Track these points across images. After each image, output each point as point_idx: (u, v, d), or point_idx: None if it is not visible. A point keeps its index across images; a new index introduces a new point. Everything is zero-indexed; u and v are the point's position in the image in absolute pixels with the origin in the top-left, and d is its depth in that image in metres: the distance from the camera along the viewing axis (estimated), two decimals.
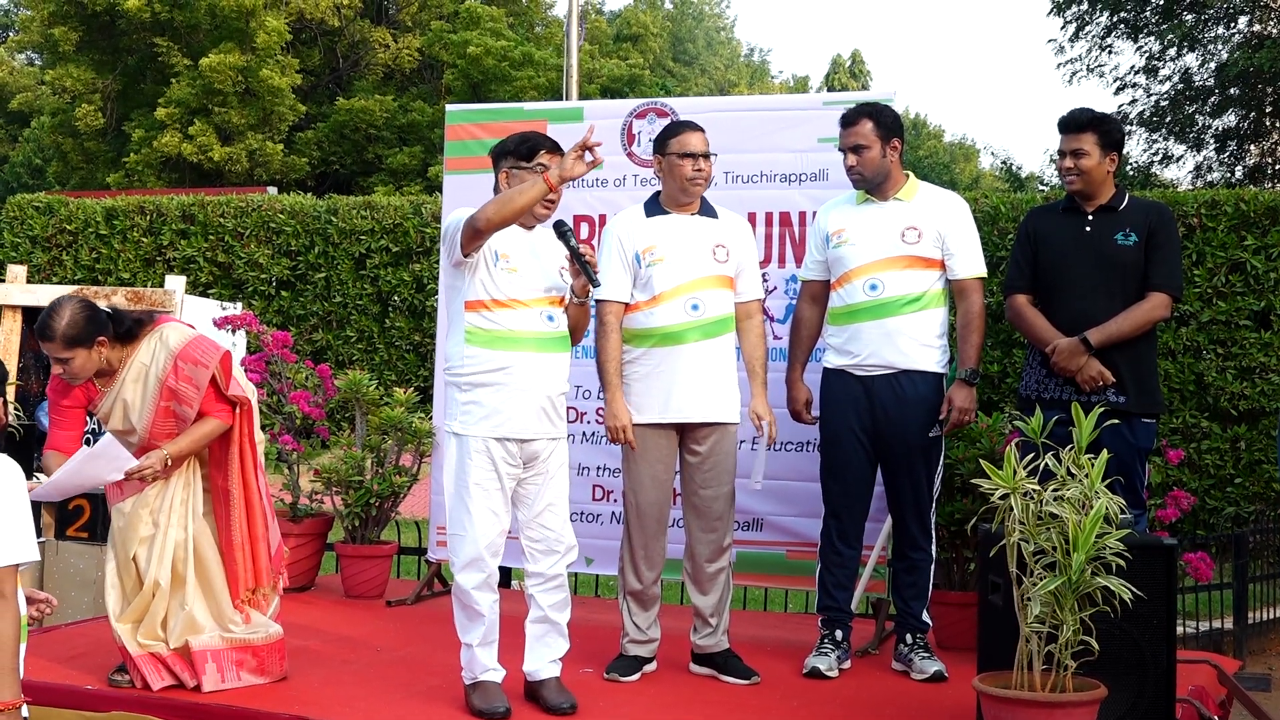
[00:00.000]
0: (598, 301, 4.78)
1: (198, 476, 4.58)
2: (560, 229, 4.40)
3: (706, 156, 4.83)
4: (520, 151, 4.41)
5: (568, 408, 5.59)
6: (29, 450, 6.74)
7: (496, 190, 4.45)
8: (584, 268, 4.31)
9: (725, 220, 4.96)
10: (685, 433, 4.83)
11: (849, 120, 4.97)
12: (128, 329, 4.52)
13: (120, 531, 4.50)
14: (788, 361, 5.23)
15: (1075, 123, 4.96)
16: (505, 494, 4.33)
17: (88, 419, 4.62)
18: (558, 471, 4.42)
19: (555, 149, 4.44)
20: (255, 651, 4.53)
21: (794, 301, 5.41)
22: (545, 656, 4.39)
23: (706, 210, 4.93)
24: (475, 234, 4.21)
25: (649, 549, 4.84)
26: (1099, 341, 4.78)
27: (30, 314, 7.85)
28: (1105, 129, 4.95)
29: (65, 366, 4.37)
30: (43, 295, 7.87)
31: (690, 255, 4.80)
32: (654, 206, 4.93)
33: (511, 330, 4.29)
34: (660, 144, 4.92)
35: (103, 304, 7.70)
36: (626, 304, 4.82)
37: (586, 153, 4.19)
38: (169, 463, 4.43)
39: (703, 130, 4.89)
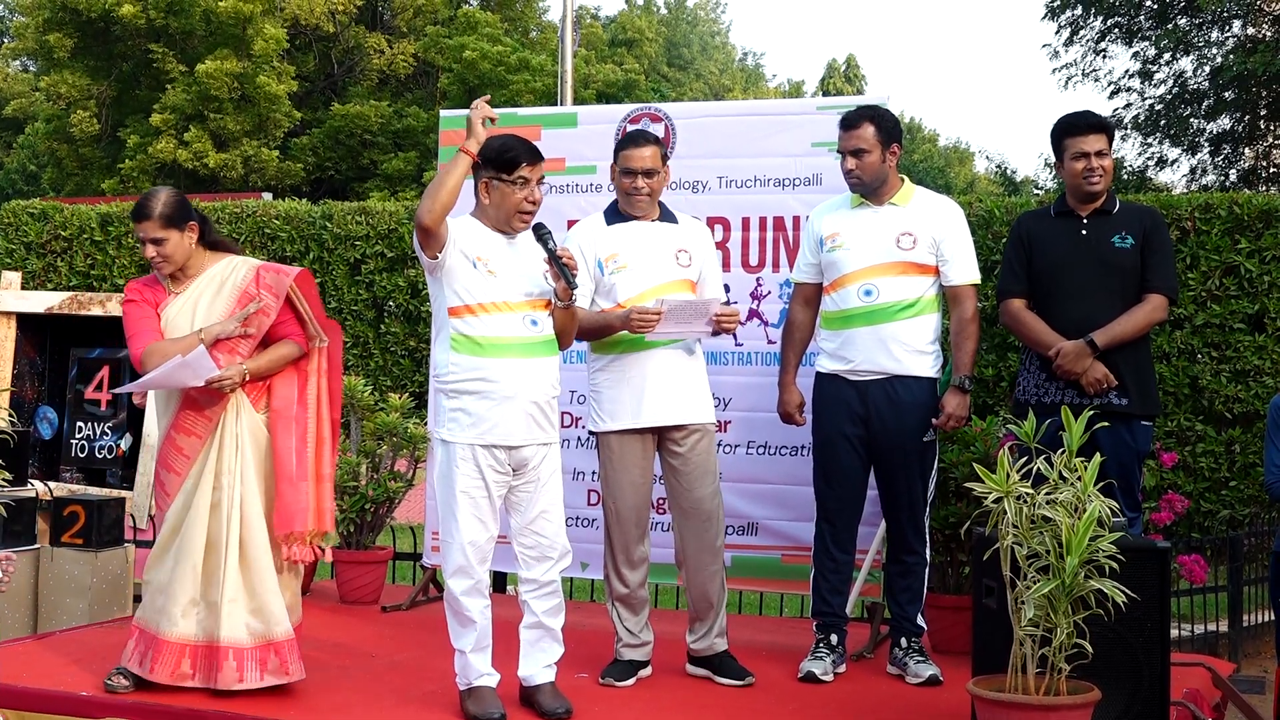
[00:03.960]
0: None
1: (250, 445, 4.53)
2: (539, 231, 4.39)
3: (649, 174, 4.81)
4: (500, 163, 4.35)
5: (562, 413, 5.60)
6: (24, 457, 6.73)
7: (477, 200, 4.46)
8: (562, 270, 4.30)
9: (685, 225, 4.98)
10: (663, 437, 4.84)
11: (850, 123, 4.95)
12: (210, 235, 4.67)
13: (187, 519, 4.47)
14: (780, 365, 5.23)
15: (1099, 123, 4.95)
16: (493, 502, 4.32)
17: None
18: (550, 478, 4.41)
19: (535, 159, 4.38)
20: (277, 649, 4.47)
21: (788, 305, 5.41)
22: (540, 662, 4.39)
23: (666, 216, 4.95)
24: (423, 230, 4.20)
25: (630, 553, 4.84)
26: (1104, 343, 4.79)
27: (24, 320, 7.85)
28: (1111, 130, 4.99)
29: (159, 248, 4.48)
30: (37, 302, 7.87)
31: (653, 261, 4.82)
32: (614, 214, 4.94)
33: (494, 336, 4.29)
34: (615, 153, 4.93)
35: (96, 310, 7.73)
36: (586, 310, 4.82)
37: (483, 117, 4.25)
38: (246, 378, 4.47)
39: (655, 144, 4.87)
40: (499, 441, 4.29)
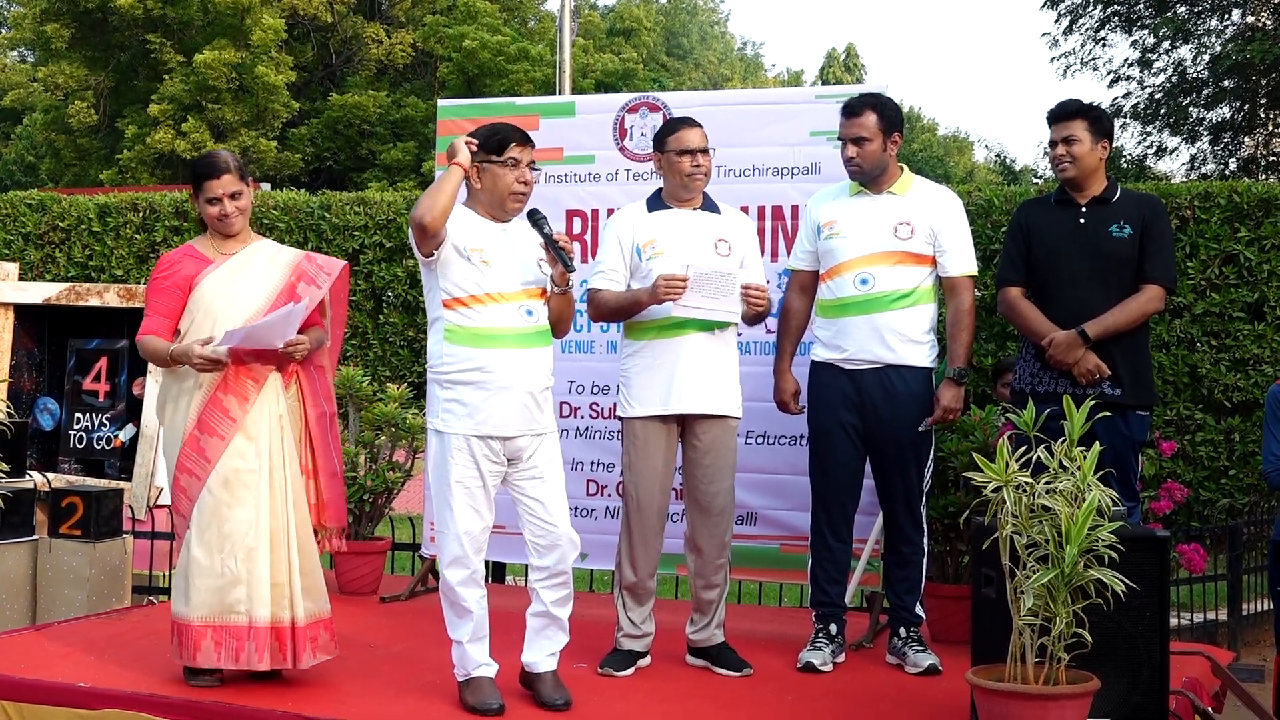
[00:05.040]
0: (589, 290, 4.79)
1: (288, 426, 4.57)
2: (534, 217, 4.39)
3: (705, 152, 4.85)
4: (490, 145, 4.36)
5: (561, 403, 5.60)
6: (21, 448, 6.73)
7: (469, 187, 4.44)
8: (558, 254, 4.30)
9: (727, 215, 4.97)
10: (686, 426, 4.83)
11: (852, 110, 4.94)
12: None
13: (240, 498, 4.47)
14: (776, 352, 5.22)
15: (1064, 111, 4.98)
16: (488, 492, 4.32)
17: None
18: (549, 466, 4.39)
19: (525, 141, 4.40)
20: (326, 625, 4.55)
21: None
22: (544, 650, 4.38)
23: (709, 206, 4.94)
24: (421, 230, 4.20)
25: (647, 543, 4.83)
26: (1096, 334, 4.79)
27: (22, 311, 7.84)
28: (1094, 116, 4.97)
29: (236, 203, 4.55)
30: (35, 293, 7.86)
31: (691, 248, 4.80)
32: (656, 202, 4.95)
33: (489, 327, 4.28)
34: (659, 141, 4.94)
35: (94, 301, 7.72)
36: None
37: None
38: (308, 351, 4.55)
39: (700, 126, 4.90)
40: (494, 432, 4.28)
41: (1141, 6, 19.60)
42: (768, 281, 5.75)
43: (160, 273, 4.56)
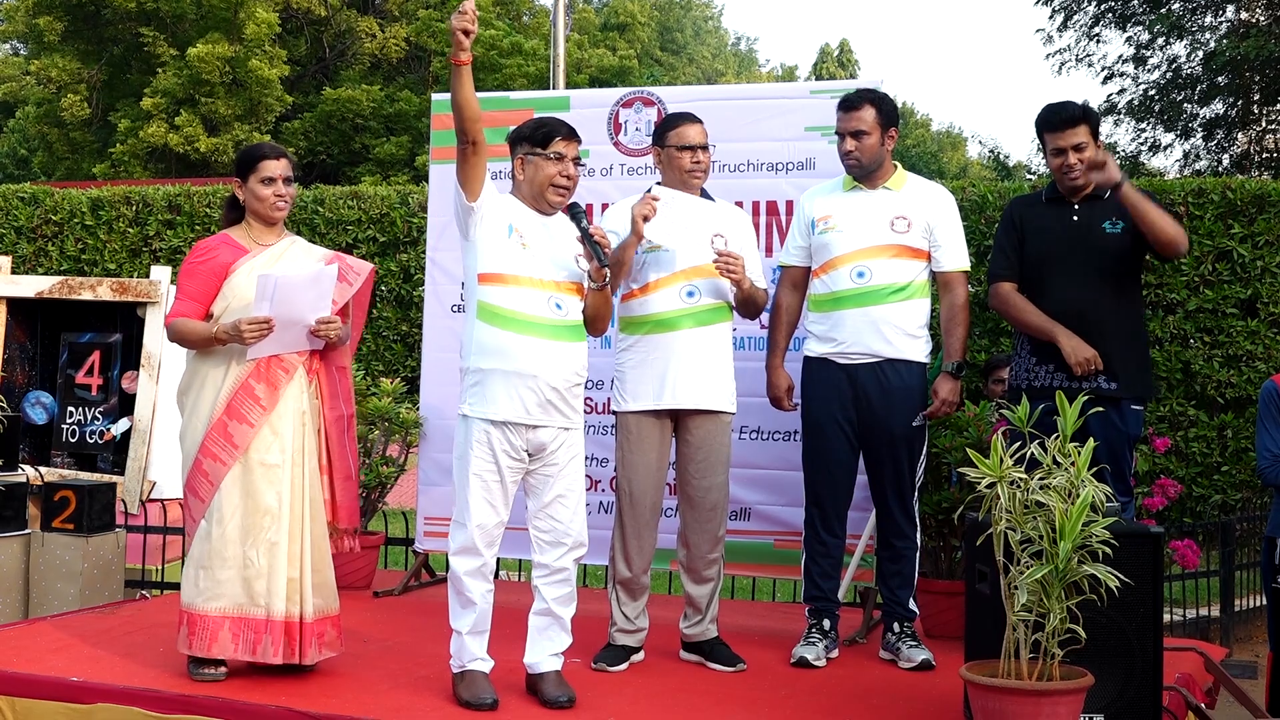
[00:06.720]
0: None
1: (309, 424, 4.60)
2: (573, 209, 4.41)
3: (704, 148, 4.86)
4: (535, 138, 4.39)
5: None
6: (14, 442, 6.71)
7: (513, 178, 4.46)
8: (593, 248, 4.30)
9: (722, 209, 4.96)
10: (679, 421, 4.83)
11: (851, 104, 4.94)
12: None
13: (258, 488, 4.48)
14: (768, 348, 5.21)
15: (1072, 117, 4.89)
16: (505, 487, 4.31)
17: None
18: (569, 463, 4.38)
19: (571, 136, 4.41)
20: (334, 623, 4.59)
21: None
22: (546, 650, 4.37)
23: (705, 199, 4.94)
24: (463, 132, 4.27)
25: (641, 538, 4.84)
26: (1127, 195, 4.70)
27: (14, 305, 7.82)
28: (1093, 118, 4.96)
29: (289, 188, 4.61)
30: (27, 286, 7.84)
31: (688, 243, 4.80)
32: None
33: (516, 311, 4.26)
34: (659, 136, 4.94)
35: (87, 294, 7.70)
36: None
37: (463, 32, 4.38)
38: (340, 338, 4.60)
39: (701, 122, 4.91)
40: (513, 419, 4.26)
41: (1136, 3, 19.62)
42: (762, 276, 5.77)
43: (195, 257, 4.57)
